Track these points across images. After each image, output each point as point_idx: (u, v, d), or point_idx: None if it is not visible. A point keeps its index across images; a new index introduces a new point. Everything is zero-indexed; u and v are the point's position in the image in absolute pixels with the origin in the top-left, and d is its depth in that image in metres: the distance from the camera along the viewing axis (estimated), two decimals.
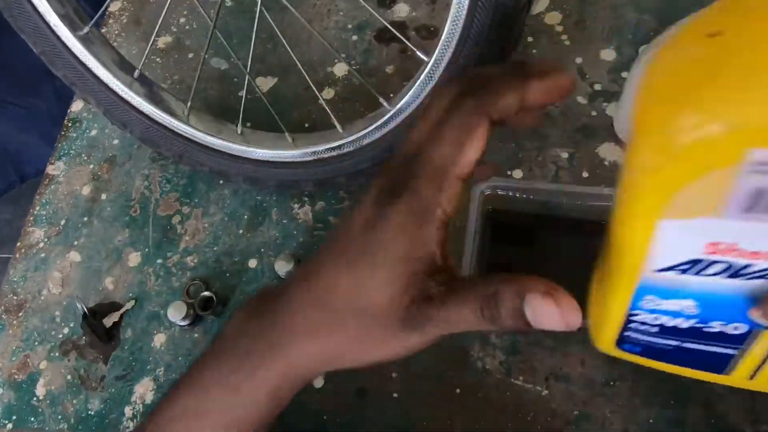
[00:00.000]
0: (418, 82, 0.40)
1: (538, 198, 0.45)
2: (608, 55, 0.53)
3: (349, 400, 0.42)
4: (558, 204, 0.45)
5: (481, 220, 0.46)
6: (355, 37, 0.60)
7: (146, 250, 0.51)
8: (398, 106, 0.42)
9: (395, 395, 0.42)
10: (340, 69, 0.58)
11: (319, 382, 0.43)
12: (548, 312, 0.20)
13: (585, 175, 0.48)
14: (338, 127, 0.46)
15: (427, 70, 0.39)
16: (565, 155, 0.49)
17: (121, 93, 0.48)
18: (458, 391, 0.41)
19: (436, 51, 0.38)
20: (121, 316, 0.48)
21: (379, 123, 0.43)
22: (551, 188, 0.44)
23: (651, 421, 0.38)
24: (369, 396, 0.42)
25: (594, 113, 0.51)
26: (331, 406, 0.42)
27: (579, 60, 0.54)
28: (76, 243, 0.53)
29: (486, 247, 0.45)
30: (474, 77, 0.25)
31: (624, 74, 0.52)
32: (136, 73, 0.48)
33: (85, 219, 0.54)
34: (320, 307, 0.25)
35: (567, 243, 0.45)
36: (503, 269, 0.45)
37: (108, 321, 0.48)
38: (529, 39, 0.56)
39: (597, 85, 0.52)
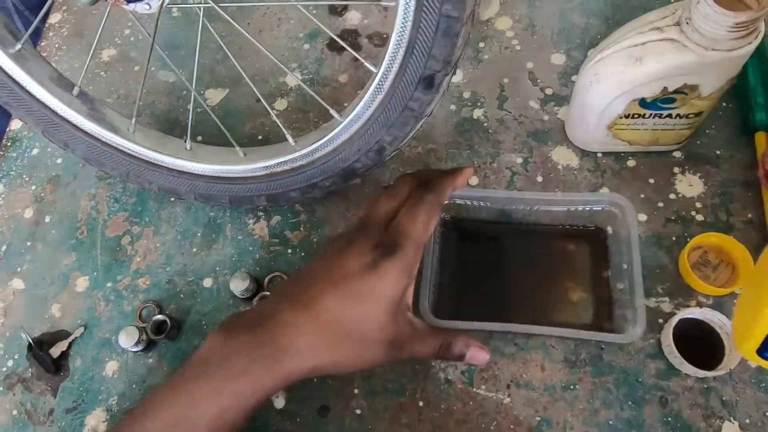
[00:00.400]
0: (368, 93, 0.39)
1: (494, 205, 0.45)
2: (558, 59, 0.54)
3: (311, 419, 0.41)
4: (513, 210, 0.45)
5: (440, 229, 0.46)
6: (307, 46, 0.59)
7: (95, 273, 0.49)
8: (349, 117, 0.41)
9: (358, 411, 0.41)
10: (293, 78, 0.57)
11: (280, 403, 0.42)
12: (481, 356, 0.36)
13: (539, 179, 0.48)
14: (290, 140, 0.45)
15: (376, 81, 0.38)
16: (519, 160, 0.49)
17: (60, 112, 0.46)
18: (421, 404, 0.41)
19: (384, 62, 0.37)
20: (70, 344, 0.46)
21: (331, 135, 0.43)
22: (505, 195, 0.44)
23: (610, 422, 0.39)
24: (331, 413, 0.41)
25: (546, 117, 0.51)
26: (293, 427, 0.41)
27: (530, 65, 0.54)
28: (19, 269, 0.50)
29: (446, 254, 0.45)
30: (425, 176, 0.39)
31: (574, 78, 0.53)
32: (76, 90, 0.46)
33: (29, 243, 0.51)
34: (325, 332, 0.32)
35: (522, 246, 0.46)
36: (463, 275, 0.45)
37: (55, 351, 0.46)
38: (481, 45, 0.56)
39: (548, 89, 0.53)
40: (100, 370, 0.45)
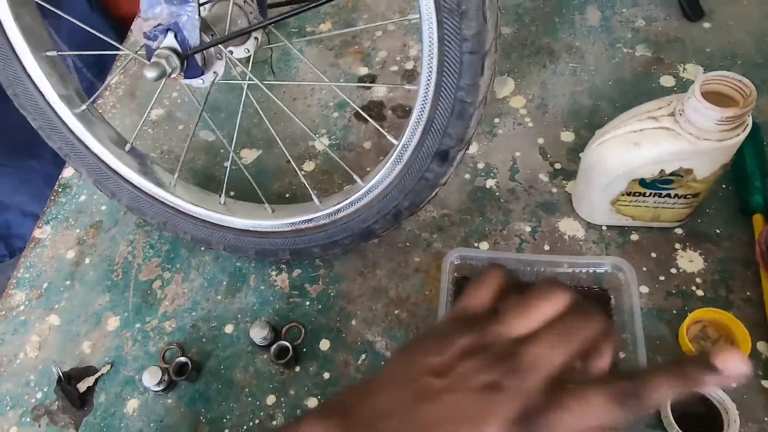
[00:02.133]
0: (388, 163, 0.44)
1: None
2: (567, 137, 0.58)
3: None
4: (518, 270, 0.48)
5: (452, 288, 0.48)
6: (335, 114, 0.64)
7: (125, 314, 0.53)
8: (370, 183, 0.45)
9: None
10: (320, 143, 0.62)
11: None
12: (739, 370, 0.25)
13: (546, 248, 0.51)
14: (316, 200, 0.49)
15: (395, 153, 0.43)
16: (528, 229, 0.52)
17: (113, 165, 0.51)
18: None
19: (404, 137, 0.41)
20: (96, 380, 0.49)
21: (352, 198, 0.47)
22: (510, 257, 0.47)
23: None
24: None
25: (554, 190, 0.55)
26: None
27: (541, 141, 0.58)
28: (56, 306, 0.54)
29: None
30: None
31: (581, 155, 0.56)
32: (128, 147, 0.52)
33: (68, 282, 0.55)
34: None
35: None
36: None
37: (82, 386, 0.49)
38: (496, 120, 0.60)
39: (557, 164, 0.56)
40: (122, 407, 0.47)
